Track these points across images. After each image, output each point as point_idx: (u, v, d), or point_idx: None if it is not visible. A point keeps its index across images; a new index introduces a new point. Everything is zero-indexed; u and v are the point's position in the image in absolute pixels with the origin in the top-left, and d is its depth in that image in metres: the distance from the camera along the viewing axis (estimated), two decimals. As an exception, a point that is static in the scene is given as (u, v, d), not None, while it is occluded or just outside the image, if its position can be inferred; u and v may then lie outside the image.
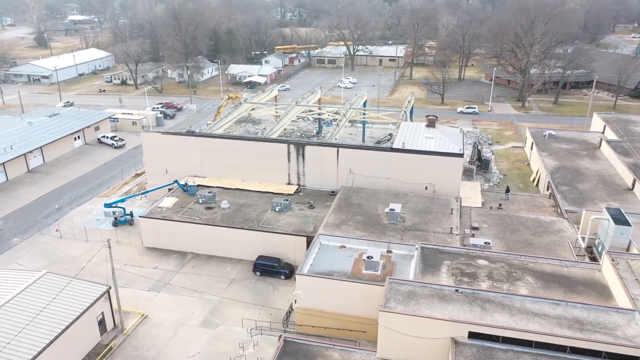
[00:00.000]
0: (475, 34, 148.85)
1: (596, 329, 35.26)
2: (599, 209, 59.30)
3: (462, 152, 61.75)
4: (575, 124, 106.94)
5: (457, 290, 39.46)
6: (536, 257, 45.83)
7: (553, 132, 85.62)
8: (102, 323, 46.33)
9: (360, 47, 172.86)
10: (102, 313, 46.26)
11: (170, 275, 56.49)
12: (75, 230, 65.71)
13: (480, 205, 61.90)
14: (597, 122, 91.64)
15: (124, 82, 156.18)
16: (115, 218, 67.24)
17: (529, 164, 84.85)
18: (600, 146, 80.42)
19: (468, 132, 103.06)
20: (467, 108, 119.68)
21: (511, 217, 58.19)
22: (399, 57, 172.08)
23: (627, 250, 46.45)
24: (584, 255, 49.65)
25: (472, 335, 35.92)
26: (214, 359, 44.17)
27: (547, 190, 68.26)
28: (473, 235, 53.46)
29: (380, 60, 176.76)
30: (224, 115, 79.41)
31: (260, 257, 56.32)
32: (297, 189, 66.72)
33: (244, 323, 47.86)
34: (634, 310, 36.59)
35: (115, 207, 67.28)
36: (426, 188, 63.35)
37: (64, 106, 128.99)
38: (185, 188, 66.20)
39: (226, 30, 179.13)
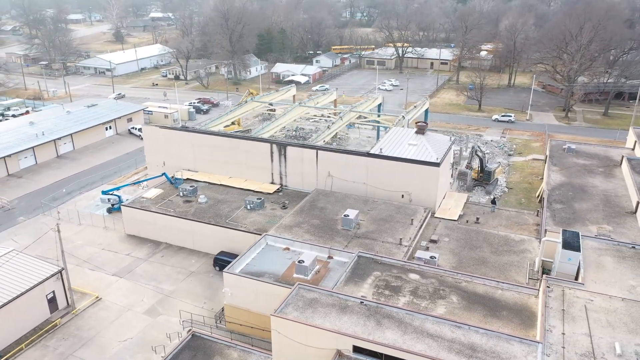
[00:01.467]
0: (525, 38, 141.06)
1: (488, 357, 32.98)
2: (587, 231, 55.30)
3: (439, 161, 59.30)
4: (617, 138, 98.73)
5: (361, 302, 38.37)
6: (472, 277, 43.33)
7: (573, 146, 79.60)
8: (52, 301, 49.67)
9: (410, 49, 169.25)
10: (53, 292, 49.60)
11: (137, 263, 59.24)
12: (73, 214, 70.48)
13: (456, 218, 59.17)
14: (631, 138, 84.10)
15: (177, 77, 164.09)
16: (112, 205, 71.39)
17: (542, 178, 79.63)
18: (621, 164, 73.86)
19: (492, 141, 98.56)
20: (502, 116, 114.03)
21: (479, 232, 55.23)
22: (447, 60, 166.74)
23: (576, 278, 42.65)
24: (537, 279, 46.25)
25: (357, 349, 34.88)
26: (140, 346, 46.00)
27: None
28: (427, 249, 51.42)
29: (432, 63, 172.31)
30: (228, 112, 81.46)
31: (221, 253, 57.59)
32: (278, 189, 67.28)
33: (182, 315, 49.34)
34: (538, 343, 33.79)
35: (111, 194, 71.44)
36: (402, 196, 61.61)
37: (115, 98, 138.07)
38: (172, 181, 68.95)
39: (279, 30, 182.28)
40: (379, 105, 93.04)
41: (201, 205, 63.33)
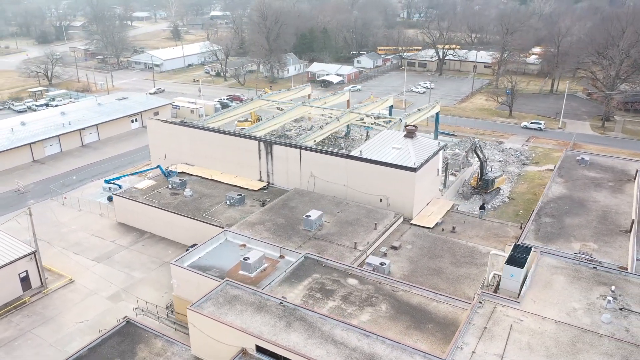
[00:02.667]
0: (571, 42, 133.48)
1: (384, 369, 31.99)
2: (569, 248, 52.19)
3: (417, 166, 57.62)
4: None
5: (281, 303, 38.22)
6: (410, 286, 41.94)
7: (586, 157, 74.71)
8: (25, 280, 52.91)
9: (451, 51, 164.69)
10: (26, 271, 52.84)
11: (118, 250, 61.84)
12: (76, 200, 74.49)
13: (431, 226, 57.29)
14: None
15: (218, 74, 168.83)
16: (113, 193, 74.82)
17: (550, 190, 75.27)
18: (635, 179, 68.60)
19: (510, 148, 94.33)
20: (531, 123, 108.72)
21: (447, 242, 53.23)
22: (490, 63, 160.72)
23: (519, 295, 40.18)
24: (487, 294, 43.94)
25: (260, 349, 34.86)
26: (92, 328, 48.05)
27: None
28: (385, 255, 50.24)
29: (475, 67, 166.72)
30: (232, 108, 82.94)
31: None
32: (264, 186, 67.89)
33: (139, 302, 51.05)
34: (441, 359, 32.32)
35: (113, 183, 74.89)
36: (381, 200, 60.46)
37: (155, 92, 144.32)
38: (166, 173, 71.29)
39: (321, 29, 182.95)
40: (390, 107, 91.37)
41: (185, 199, 65.08)
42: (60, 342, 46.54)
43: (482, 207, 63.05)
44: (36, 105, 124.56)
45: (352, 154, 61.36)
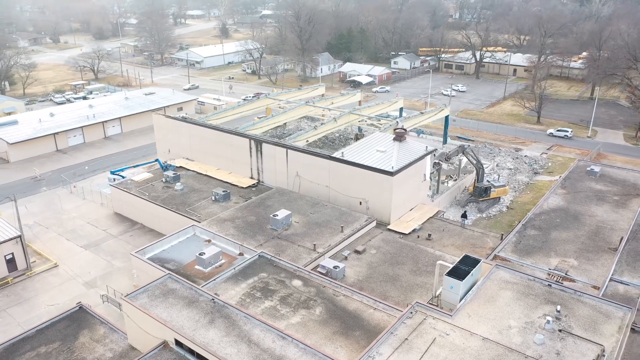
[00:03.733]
0: (615, 46, 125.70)
1: (287, 373, 31.71)
2: (546, 262, 49.83)
3: (394, 170, 56.38)
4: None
5: (212, 300, 38.63)
6: (353, 291, 41.20)
7: (596, 169, 70.52)
8: (11, 262, 56.10)
9: (489, 54, 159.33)
10: (12, 254, 56.00)
11: (107, 239, 64.34)
12: (83, 189, 78.05)
13: (407, 232, 55.91)
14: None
15: (254, 72, 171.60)
16: (119, 184, 77.85)
17: (554, 202, 71.46)
18: (644, 193, 64.11)
19: (526, 156, 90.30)
20: (558, 130, 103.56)
21: (415, 249, 51.79)
22: (523, 66, 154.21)
23: (457, 307, 38.51)
24: (436, 304, 42.48)
25: (178, 343, 35.42)
26: (61, 311, 49.97)
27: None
28: (346, 258, 49.54)
29: (515, 70, 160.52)
30: (237, 105, 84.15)
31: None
32: (253, 184, 68.53)
33: (108, 290, 52.94)
34: (346, 367, 31.66)
35: (118, 175, 77.85)
36: (360, 203, 59.66)
37: (188, 88, 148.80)
38: (164, 167, 73.41)
39: (359, 29, 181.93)
40: (401, 109, 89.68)
41: (175, 192, 66.76)
42: (28, 322, 49.01)
43: (464, 216, 60.85)
44: (74, 98, 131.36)
45: (334, 155, 60.85)
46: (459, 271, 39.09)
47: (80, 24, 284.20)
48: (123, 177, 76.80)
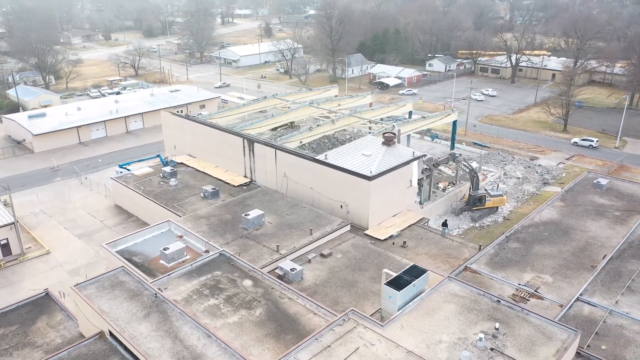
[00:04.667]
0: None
1: (201, 371, 32.09)
2: (518, 277, 47.96)
3: (372, 175, 55.61)
4: None
5: (155, 295, 39.55)
6: (298, 294, 41.05)
7: (604, 182, 66.73)
8: (5, 247, 59.46)
9: (524, 58, 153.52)
10: (7, 239, 59.34)
11: (101, 230, 66.98)
12: (91, 181, 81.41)
13: (383, 238, 55.02)
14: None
15: (286, 72, 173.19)
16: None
17: (556, 214, 68.18)
18: (649, 210, 60.13)
19: (539, 165, 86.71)
20: (582, 140, 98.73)
21: (383, 255, 50.89)
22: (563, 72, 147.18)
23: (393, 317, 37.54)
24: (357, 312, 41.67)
25: (112, 335, 36.52)
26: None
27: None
28: (309, 261, 49.36)
29: (554, 75, 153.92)
30: (242, 105, 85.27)
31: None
32: (246, 183, 69.33)
33: (86, 278, 55.01)
34: (258, 370, 31.66)
35: (125, 168, 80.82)
36: (341, 207, 59.26)
37: (219, 86, 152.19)
38: (165, 162, 75.55)
39: (394, 31, 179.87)
40: (410, 112, 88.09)
41: (169, 188, 68.58)
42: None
43: (445, 224, 59.19)
44: (108, 93, 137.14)
45: (317, 157, 60.71)
46: (400, 281, 38.20)
47: (133, 21, 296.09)
48: (128, 171, 79.71)
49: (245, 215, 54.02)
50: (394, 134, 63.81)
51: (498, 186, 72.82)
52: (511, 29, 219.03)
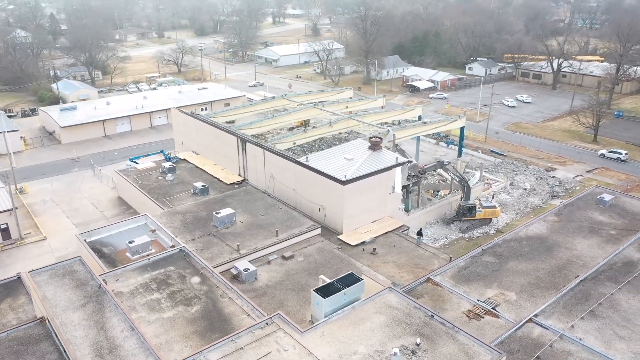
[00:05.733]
0: None
1: None
2: (480, 293, 46.25)
3: (345, 179, 54.93)
4: None
5: (99, 286, 41.00)
6: (239, 295, 41.27)
7: (607, 198, 62.66)
8: (5, 231, 63.40)
9: (567, 63, 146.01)
10: (7, 224, 63.25)
11: (98, 220, 69.82)
12: (101, 173, 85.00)
13: (354, 243, 54.27)
14: None
15: (322, 72, 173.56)
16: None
17: (554, 229, 64.61)
18: (650, 230, 55.91)
19: (553, 177, 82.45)
20: (610, 152, 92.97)
21: (344, 261, 50.19)
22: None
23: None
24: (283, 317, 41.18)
25: (47, 320, 38.20)
26: (22, 280, 55.97)
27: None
28: (269, 262, 49.51)
29: (600, 82, 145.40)
30: (249, 104, 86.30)
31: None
32: (239, 182, 70.24)
33: (70, 266, 57.74)
34: (164, 366, 32.24)
35: (135, 162, 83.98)
36: (319, 210, 59.00)
37: (253, 85, 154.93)
38: (167, 158, 77.90)
39: (434, 33, 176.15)
40: (419, 117, 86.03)
41: (165, 183, 70.69)
42: (-6, 285, 55.26)
43: (420, 233, 57.47)
44: (145, 89, 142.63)
45: (298, 159, 60.68)
46: (331, 288, 37.67)
47: (188, 20, 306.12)
48: (136, 164, 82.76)
49: (216, 213, 54.88)
50: (380, 138, 62.72)
51: (493, 197, 69.90)
52: (566, 32, 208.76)
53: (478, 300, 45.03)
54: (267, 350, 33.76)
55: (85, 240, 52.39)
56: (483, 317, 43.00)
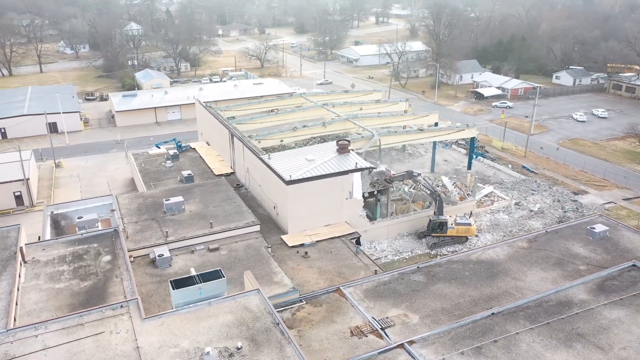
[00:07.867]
0: None
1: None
2: (379, 311, 44.20)
3: (289, 180, 54.43)
4: None
5: (15, 254, 45.46)
6: (130, 278, 43.37)
7: (598, 229, 54.86)
8: (19, 198, 71.93)
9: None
10: (20, 192, 71.73)
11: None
12: (128, 156, 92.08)
13: (291, 245, 53.81)
14: None
15: (392, 74, 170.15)
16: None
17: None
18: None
19: (575, 201, 73.56)
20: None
21: (263, 260, 49.72)
22: None
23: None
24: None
25: (-39, 276, 43.28)
26: (11, 242, 63.20)
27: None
28: (192, 252, 50.95)
29: None
30: (264, 100, 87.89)
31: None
32: (226, 174, 72.36)
33: (53, 234, 63.97)
34: None
35: (159, 147, 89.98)
36: (274, 207, 59.23)
37: (321, 83, 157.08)
38: (178, 146, 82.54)
39: (520, 38, 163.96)
40: (436, 123, 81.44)
41: (163, 169, 75.13)
42: (-11, 243, 63.16)
43: (358, 242, 54.75)
44: (215, 81, 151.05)
45: (261, 156, 61.21)
46: (188, 281, 38.21)
47: (294, 18, 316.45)
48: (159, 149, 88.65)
49: (166, 200, 57.47)
50: (348, 141, 60.98)
51: (471, 214, 64.23)
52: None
53: (373, 318, 42.58)
54: (101, 330, 35.28)
55: (52, 212, 57.90)
56: (366, 336, 40.70)
